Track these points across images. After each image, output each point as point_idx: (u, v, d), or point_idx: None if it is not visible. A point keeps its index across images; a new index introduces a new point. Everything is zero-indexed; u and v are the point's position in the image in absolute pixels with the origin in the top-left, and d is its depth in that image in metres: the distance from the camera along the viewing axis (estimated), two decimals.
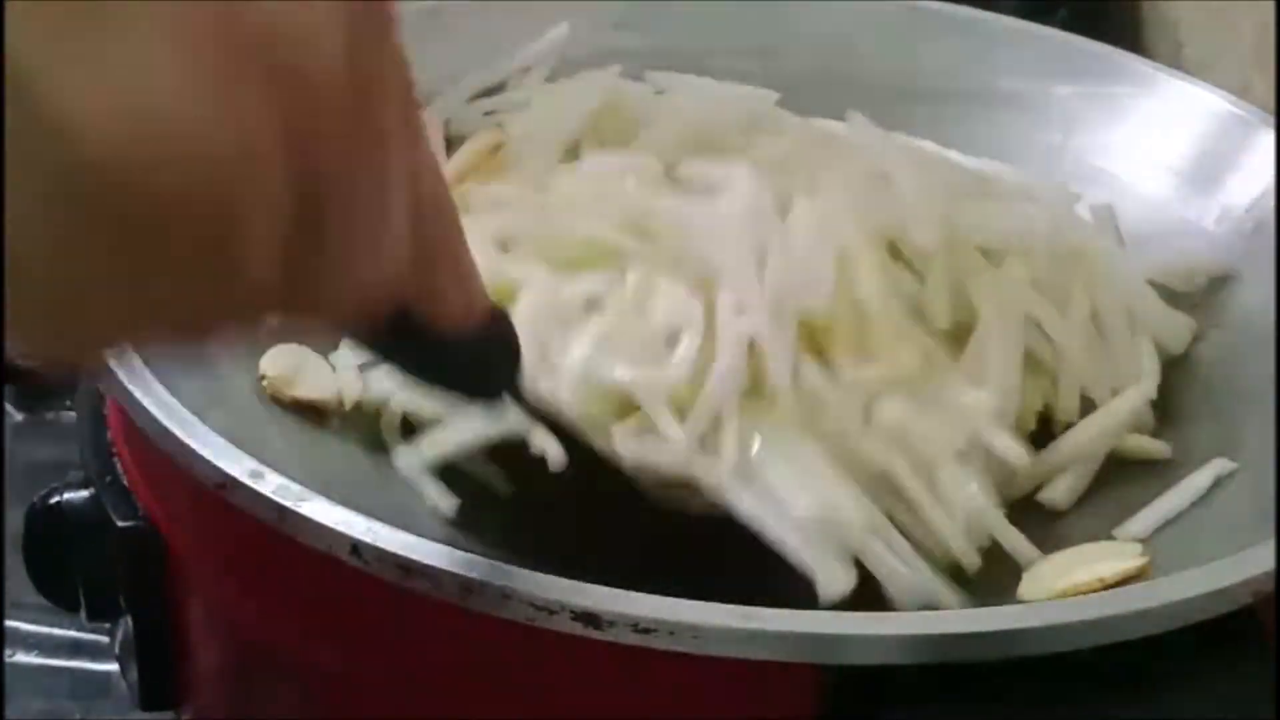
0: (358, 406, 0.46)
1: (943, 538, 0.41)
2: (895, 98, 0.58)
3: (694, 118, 0.51)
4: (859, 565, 0.39)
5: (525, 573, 0.34)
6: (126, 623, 0.42)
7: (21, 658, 0.55)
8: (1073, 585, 0.39)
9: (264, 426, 0.45)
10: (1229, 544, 0.40)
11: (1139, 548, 0.41)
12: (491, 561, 0.33)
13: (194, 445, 0.36)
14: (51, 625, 0.55)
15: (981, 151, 0.57)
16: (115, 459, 0.42)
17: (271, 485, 0.35)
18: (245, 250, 0.25)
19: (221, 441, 0.36)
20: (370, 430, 0.47)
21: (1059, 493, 0.44)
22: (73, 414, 0.62)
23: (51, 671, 0.55)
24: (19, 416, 0.64)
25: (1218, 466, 0.44)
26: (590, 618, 0.32)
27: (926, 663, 0.32)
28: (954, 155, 0.53)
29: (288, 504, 0.34)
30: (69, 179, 0.22)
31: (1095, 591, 0.38)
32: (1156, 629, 0.33)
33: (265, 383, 0.45)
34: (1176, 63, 0.73)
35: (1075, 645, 0.32)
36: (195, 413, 0.37)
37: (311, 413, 0.46)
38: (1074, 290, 0.46)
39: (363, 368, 0.46)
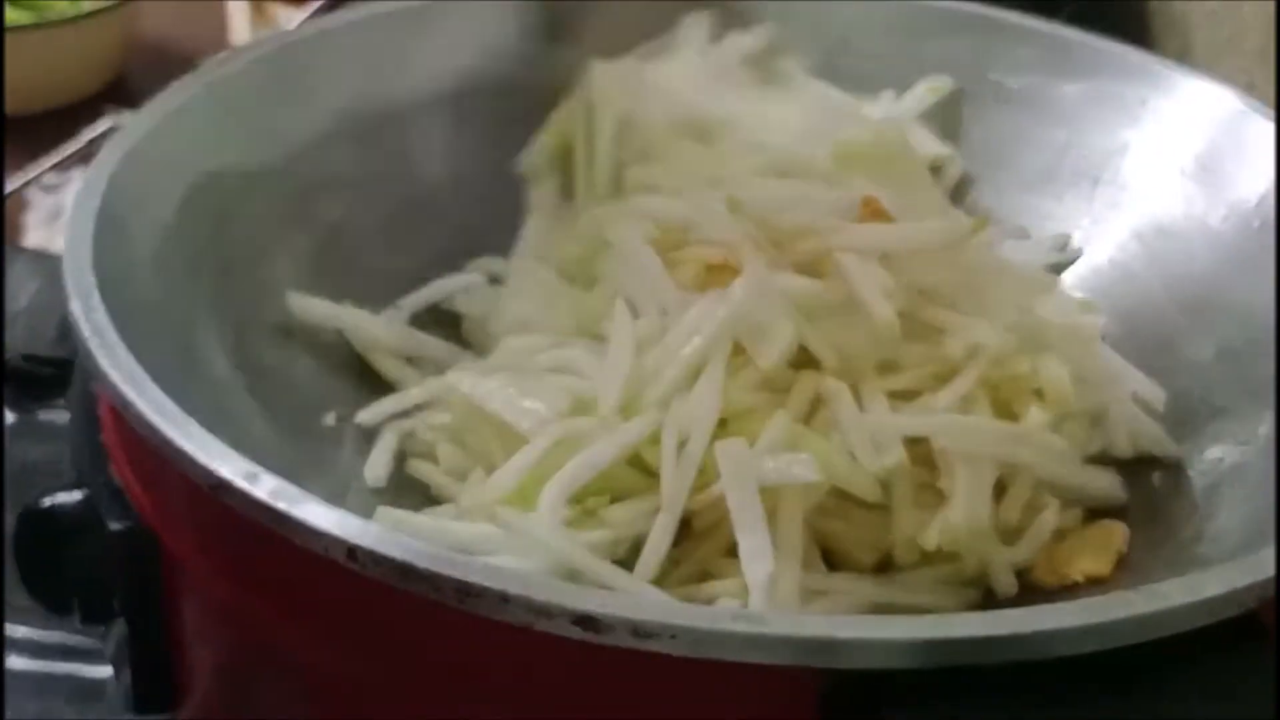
0: None
1: None
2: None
3: None
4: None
5: (524, 575, 0.34)
6: (120, 626, 0.42)
7: (14, 662, 0.55)
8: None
9: (255, 425, 0.45)
10: (1229, 544, 0.40)
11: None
12: (489, 564, 0.33)
13: (188, 447, 0.36)
14: (44, 629, 0.55)
15: (988, 149, 0.57)
16: (108, 460, 0.42)
17: (267, 488, 0.35)
18: None
19: (216, 443, 0.36)
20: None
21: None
22: (65, 414, 0.62)
23: (45, 676, 0.55)
24: (11, 417, 0.64)
25: None
26: (589, 621, 0.32)
27: (927, 667, 0.32)
28: None
29: (283, 507, 0.34)
30: None
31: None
32: (1158, 634, 0.33)
33: None
34: (1183, 59, 0.73)
35: (1077, 650, 0.32)
36: (188, 411, 0.37)
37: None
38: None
39: None
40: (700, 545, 0.43)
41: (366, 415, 0.48)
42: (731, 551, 0.41)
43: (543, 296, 0.50)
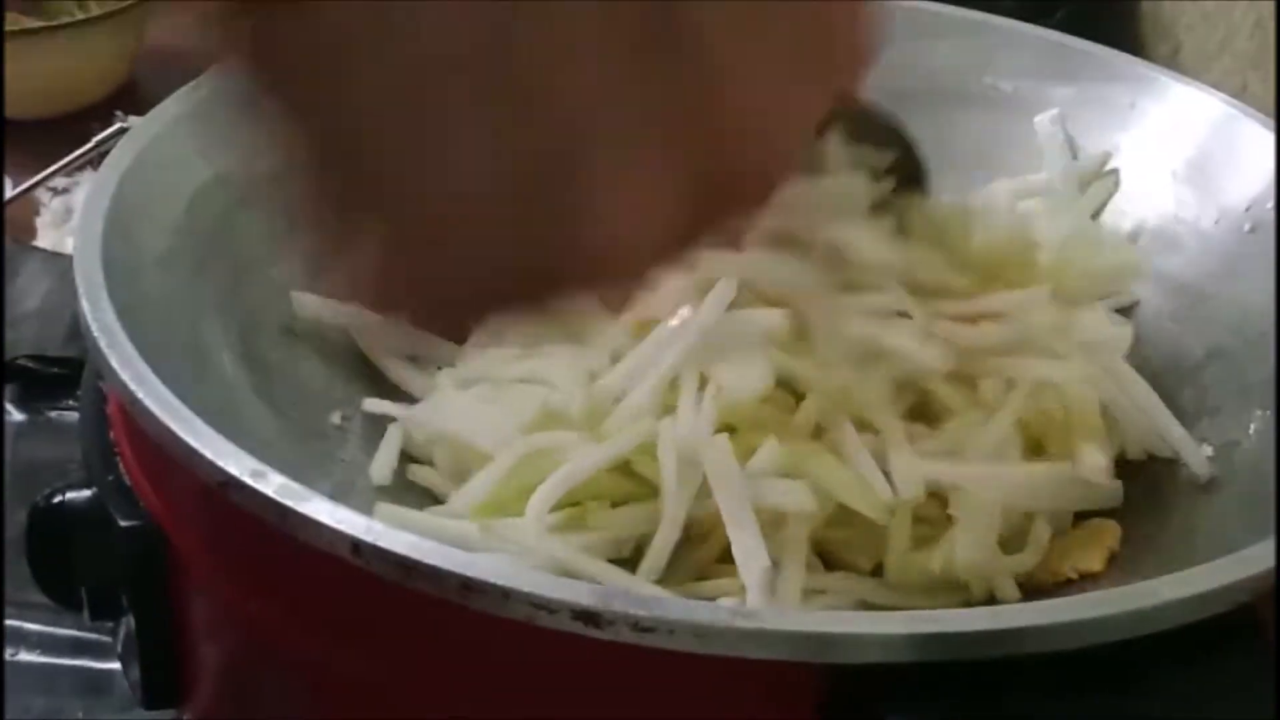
0: None
1: None
2: (892, 99, 0.57)
3: None
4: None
5: (526, 571, 0.34)
6: (129, 622, 0.42)
7: (24, 656, 0.55)
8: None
9: (261, 423, 0.45)
10: (1221, 541, 0.40)
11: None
12: (492, 560, 0.33)
13: (195, 445, 0.36)
14: (54, 624, 0.55)
15: (979, 153, 0.57)
16: (118, 458, 0.42)
17: (273, 485, 0.35)
18: None
19: (223, 441, 0.36)
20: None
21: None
22: (73, 414, 0.62)
23: (54, 670, 0.55)
24: (20, 416, 0.64)
25: None
26: (590, 616, 0.32)
27: (926, 661, 0.32)
28: None
29: (289, 503, 0.34)
30: None
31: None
32: (1157, 627, 0.33)
33: None
34: (1174, 63, 0.73)
35: (1075, 644, 0.33)
36: (195, 410, 0.37)
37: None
38: None
39: None
40: (696, 550, 0.43)
41: (371, 415, 0.49)
42: (726, 556, 0.41)
43: None
